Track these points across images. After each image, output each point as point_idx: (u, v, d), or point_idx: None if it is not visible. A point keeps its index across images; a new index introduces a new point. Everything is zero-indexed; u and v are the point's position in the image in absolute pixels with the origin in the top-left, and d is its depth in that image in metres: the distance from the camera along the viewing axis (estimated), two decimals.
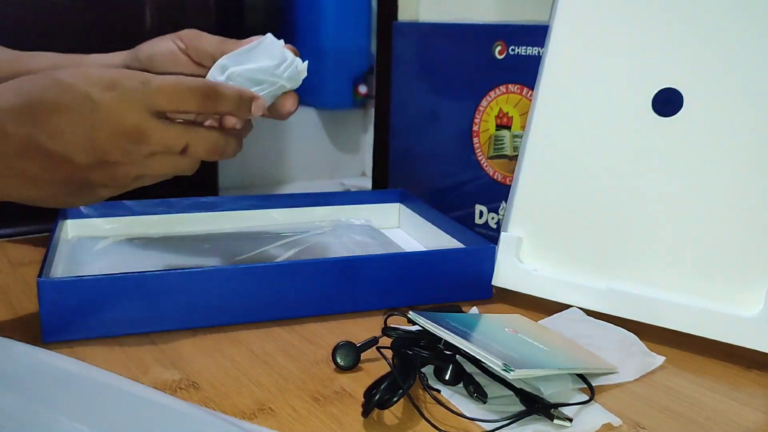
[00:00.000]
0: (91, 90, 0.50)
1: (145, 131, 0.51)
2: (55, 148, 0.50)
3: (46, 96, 0.50)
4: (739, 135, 0.58)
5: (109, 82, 0.51)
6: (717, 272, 0.58)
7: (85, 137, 0.50)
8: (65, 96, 0.50)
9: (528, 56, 0.76)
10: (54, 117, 0.49)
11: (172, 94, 0.52)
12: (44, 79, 0.51)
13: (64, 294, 0.56)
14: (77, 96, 0.50)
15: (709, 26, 0.60)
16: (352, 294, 0.64)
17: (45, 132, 0.49)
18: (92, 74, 0.51)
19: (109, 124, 0.50)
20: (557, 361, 0.53)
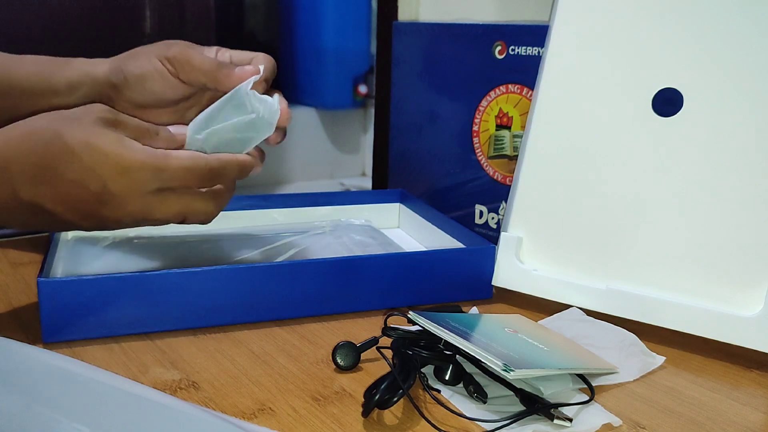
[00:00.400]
0: (105, 174, 0.51)
1: (149, 213, 0.54)
2: (62, 214, 0.52)
3: (62, 167, 0.51)
4: (739, 135, 0.58)
5: (124, 170, 0.51)
6: (717, 272, 0.58)
7: (91, 210, 0.52)
8: (80, 173, 0.51)
9: (528, 56, 0.76)
10: (66, 188, 0.51)
11: (182, 179, 0.53)
12: (59, 148, 0.51)
13: (64, 294, 0.56)
14: (91, 176, 0.51)
15: (709, 26, 0.60)
16: (352, 294, 0.64)
17: (55, 200, 0.52)
18: (109, 156, 0.51)
19: (115, 205, 0.52)
20: (557, 361, 0.53)
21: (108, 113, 0.53)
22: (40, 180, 0.51)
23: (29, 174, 0.51)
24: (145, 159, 0.52)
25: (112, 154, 0.51)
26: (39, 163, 0.51)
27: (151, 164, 0.52)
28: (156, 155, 0.52)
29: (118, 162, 0.51)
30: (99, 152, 0.51)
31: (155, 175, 0.52)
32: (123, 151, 0.51)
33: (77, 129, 0.51)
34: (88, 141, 0.51)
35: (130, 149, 0.52)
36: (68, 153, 0.51)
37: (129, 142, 0.52)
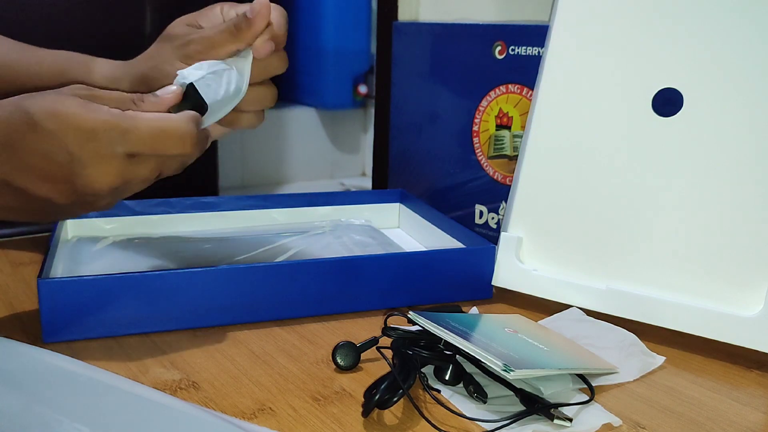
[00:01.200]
0: (69, 140, 0.48)
1: (123, 177, 0.50)
2: (34, 190, 0.50)
3: (25, 140, 0.48)
4: (739, 135, 0.58)
5: (88, 133, 0.48)
6: (717, 272, 0.58)
7: (64, 184, 0.50)
8: (43, 143, 0.48)
9: (528, 56, 0.76)
10: (32, 161, 0.49)
11: (151, 144, 0.50)
12: (20, 119, 0.49)
13: (64, 294, 0.56)
14: (55, 145, 0.48)
15: (708, 26, 0.60)
16: (352, 294, 0.64)
17: (23, 175, 0.49)
18: (70, 118, 0.48)
19: (87, 173, 0.49)
20: (557, 361, 0.53)
21: (82, 89, 0.51)
22: (3, 156, 0.49)
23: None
24: (109, 119, 0.49)
25: (74, 116, 0.48)
26: (3, 141, 0.48)
27: (115, 124, 0.49)
28: (122, 115, 0.49)
29: (80, 124, 0.48)
30: (61, 117, 0.48)
31: (122, 135, 0.49)
32: (85, 113, 0.48)
33: (41, 100, 0.49)
34: (52, 108, 0.48)
35: (94, 111, 0.49)
36: (30, 123, 0.48)
37: (95, 105, 0.49)
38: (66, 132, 0.48)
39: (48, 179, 0.49)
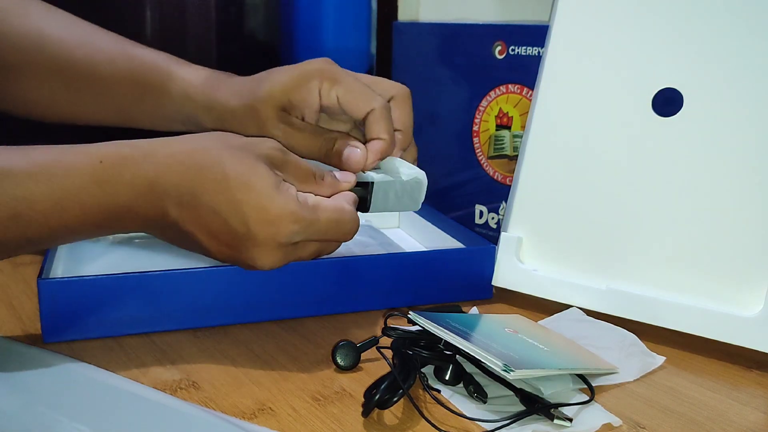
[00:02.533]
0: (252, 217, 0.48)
1: (287, 260, 0.51)
2: (198, 239, 0.50)
3: (211, 196, 0.49)
4: (739, 135, 0.58)
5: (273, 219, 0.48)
6: (717, 272, 0.58)
7: (229, 248, 0.50)
8: (227, 208, 0.48)
9: (528, 56, 0.76)
10: (209, 217, 0.49)
11: (326, 233, 0.51)
12: (216, 175, 0.49)
13: (64, 294, 0.56)
14: (238, 215, 0.48)
15: (708, 26, 0.60)
16: (352, 294, 0.64)
17: (195, 224, 0.50)
18: (262, 198, 0.48)
19: (256, 251, 0.50)
20: (557, 361, 0.52)
21: (277, 152, 0.51)
22: (187, 203, 0.49)
23: (176, 194, 0.49)
24: (296, 211, 0.49)
25: (265, 197, 0.48)
26: (190, 187, 0.49)
27: (301, 217, 0.49)
28: (307, 208, 0.50)
29: (268, 208, 0.48)
30: (254, 192, 0.48)
31: (303, 229, 0.50)
32: (276, 197, 0.49)
33: (239, 161, 0.49)
34: (246, 177, 0.48)
35: (285, 196, 0.49)
36: (222, 183, 0.48)
37: (286, 187, 0.50)
38: (253, 208, 0.48)
39: (216, 238, 0.50)
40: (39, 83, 0.67)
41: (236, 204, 0.48)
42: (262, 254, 0.50)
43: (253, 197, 0.48)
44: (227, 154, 0.49)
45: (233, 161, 0.49)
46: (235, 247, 0.50)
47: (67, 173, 0.48)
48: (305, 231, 0.50)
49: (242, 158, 0.49)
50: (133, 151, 0.50)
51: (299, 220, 0.49)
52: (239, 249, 0.50)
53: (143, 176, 0.49)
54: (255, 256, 0.50)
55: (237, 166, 0.49)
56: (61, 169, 0.48)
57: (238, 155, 0.49)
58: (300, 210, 0.49)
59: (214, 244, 0.50)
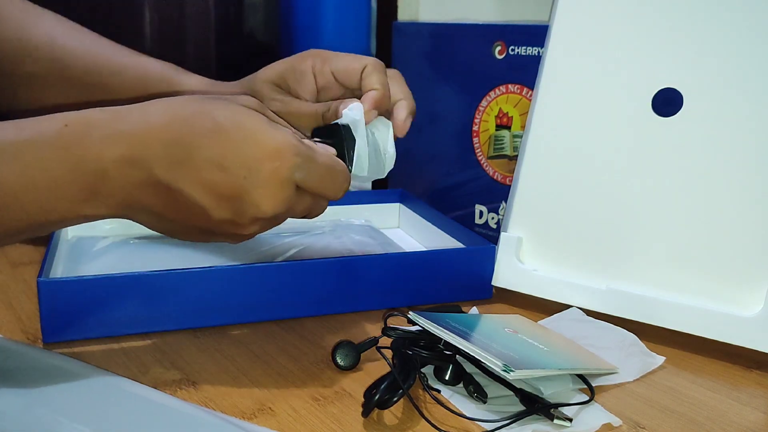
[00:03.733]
0: (252, 155, 0.46)
1: (287, 206, 0.48)
2: (195, 198, 0.46)
3: (206, 146, 0.46)
4: (739, 135, 0.58)
5: (274, 152, 0.46)
6: (717, 272, 0.58)
7: (229, 200, 0.46)
8: (226, 152, 0.45)
9: (528, 56, 0.76)
10: (207, 169, 0.46)
11: (320, 180, 0.49)
12: (205, 123, 0.46)
13: (64, 294, 0.56)
14: (238, 157, 0.46)
15: (708, 26, 0.60)
16: (352, 294, 0.64)
17: (190, 182, 0.46)
18: (258, 134, 0.46)
19: (259, 193, 0.46)
20: (557, 361, 0.52)
21: (258, 105, 0.50)
22: (178, 159, 0.45)
23: (167, 153, 0.45)
24: (296, 143, 0.47)
25: (263, 133, 0.46)
26: (179, 141, 0.45)
27: (302, 151, 0.47)
28: (305, 144, 0.48)
29: (267, 142, 0.46)
30: (250, 130, 0.46)
31: (304, 163, 0.47)
32: (275, 132, 0.46)
33: (225, 107, 0.47)
34: (238, 119, 0.46)
35: (282, 132, 0.47)
36: (215, 129, 0.46)
37: (280, 126, 0.48)
38: (252, 146, 0.46)
39: (214, 190, 0.46)
40: (51, 92, 0.69)
41: (234, 146, 0.46)
42: (266, 194, 0.46)
43: (250, 135, 0.46)
44: (210, 103, 0.47)
45: (220, 108, 0.47)
46: (236, 197, 0.46)
47: (31, 143, 0.45)
48: (306, 167, 0.47)
49: (227, 104, 0.47)
50: (102, 113, 0.46)
51: (300, 152, 0.47)
52: (241, 197, 0.46)
53: (117, 135, 0.45)
54: (258, 200, 0.46)
55: (225, 111, 0.47)
56: (25, 140, 0.45)
57: (222, 103, 0.47)
58: (299, 144, 0.47)
59: (213, 199, 0.46)
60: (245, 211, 0.47)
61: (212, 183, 0.46)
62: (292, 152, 0.46)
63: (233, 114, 0.47)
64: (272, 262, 0.67)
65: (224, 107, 0.47)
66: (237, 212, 0.47)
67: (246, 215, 0.47)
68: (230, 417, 0.47)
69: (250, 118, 0.47)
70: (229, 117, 0.46)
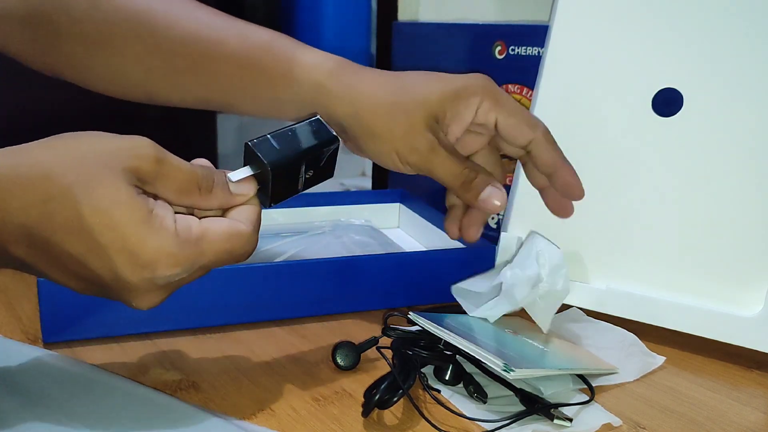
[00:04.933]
0: (121, 262, 0.40)
1: (169, 294, 0.44)
2: (60, 281, 0.42)
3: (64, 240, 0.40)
4: (739, 135, 0.58)
5: (147, 264, 0.40)
6: (717, 272, 0.58)
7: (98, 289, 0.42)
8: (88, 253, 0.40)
9: (528, 56, 0.76)
10: (68, 262, 0.41)
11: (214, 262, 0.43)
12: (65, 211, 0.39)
13: (64, 294, 0.56)
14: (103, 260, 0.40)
15: (708, 26, 0.60)
16: (352, 294, 0.64)
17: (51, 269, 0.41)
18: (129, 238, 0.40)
19: (131, 297, 0.42)
20: (557, 361, 0.53)
21: (148, 161, 0.41)
22: (34, 245, 0.40)
23: (21, 233, 0.40)
24: (176, 253, 0.41)
25: (134, 239, 0.39)
26: (36, 227, 0.39)
27: (182, 259, 0.41)
28: (189, 244, 0.41)
29: (139, 253, 0.40)
30: (116, 233, 0.39)
31: (186, 269, 0.42)
32: (148, 238, 0.40)
33: (94, 191, 0.39)
34: (106, 216, 0.39)
35: (158, 235, 0.40)
36: (77, 226, 0.39)
37: (160, 220, 0.41)
38: (119, 253, 0.40)
39: (79, 278, 0.41)
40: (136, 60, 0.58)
41: (98, 249, 0.39)
42: (138, 298, 0.42)
43: (118, 240, 0.39)
44: (80, 180, 0.39)
45: (87, 193, 0.39)
46: (104, 288, 0.42)
47: None
48: (189, 269, 0.42)
49: (98, 186, 0.39)
50: None
51: (180, 262, 0.41)
52: (109, 290, 0.42)
53: None
54: (129, 300, 0.42)
55: (92, 200, 0.39)
56: None
57: (93, 181, 0.39)
58: (180, 250, 0.41)
59: (78, 284, 0.42)
60: (120, 298, 0.43)
61: (75, 272, 0.41)
62: (168, 264, 0.40)
63: (101, 207, 0.39)
64: (272, 262, 0.67)
65: (93, 191, 0.39)
66: (111, 296, 0.43)
67: (122, 300, 0.43)
68: (230, 417, 0.47)
69: (121, 217, 0.39)
70: (95, 211, 0.39)
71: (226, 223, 0.44)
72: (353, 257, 0.68)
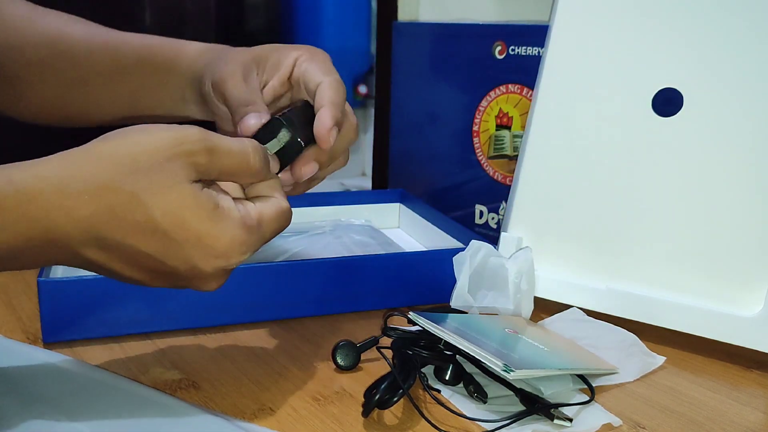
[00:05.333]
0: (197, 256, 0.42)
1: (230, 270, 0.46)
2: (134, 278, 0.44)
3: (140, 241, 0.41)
4: (739, 135, 0.58)
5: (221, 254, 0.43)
6: (717, 272, 0.58)
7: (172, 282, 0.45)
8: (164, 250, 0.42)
9: (528, 56, 0.76)
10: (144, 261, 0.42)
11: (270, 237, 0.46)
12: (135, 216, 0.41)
13: (64, 294, 0.56)
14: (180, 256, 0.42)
15: (708, 26, 0.60)
16: (352, 294, 0.64)
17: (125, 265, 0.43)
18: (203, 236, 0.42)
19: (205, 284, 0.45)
20: (557, 361, 0.53)
21: (201, 152, 0.42)
22: (107, 247, 0.41)
23: (89, 238, 0.41)
24: (246, 240, 0.43)
25: (207, 233, 0.42)
26: (105, 231, 0.40)
27: (251, 244, 0.44)
28: (254, 229, 0.44)
29: (214, 245, 0.42)
30: (191, 230, 0.41)
31: (253, 250, 0.45)
32: (220, 231, 0.42)
33: (162, 195, 0.41)
34: (179, 216, 0.41)
35: (228, 225, 0.42)
36: (150, 228, 0.41)
37: (227, 211, 0.43)
38: (196, 247, 0.42)
39: (152, 272, 0.43)
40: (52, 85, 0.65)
41: (175, 247, 0.42)
42: (209, 283, 0.45)
43: (193, 237, 0.42)
44: (143, 187, 0.41)
45: (154, 198, 0.41)
46: (178, 280, 0.44)
47: None
48: (254, 250, 0.45)
49: (163, 190, 0.41)
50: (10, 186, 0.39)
51: (250, 248, 0.44)
52: (182, 280, 0.44)
53: (30, 220, 0.40)
54: (200, 286, 0.45)
55: (161, 203, 0.41)
56: None
57: (155, 185, 0.41)
58: (248, 236, 0.44)
59: (151, 278, 0.44)
60: (190, 286, 0.45)
61: (148, 267, 0.43)
62: (239, 251, 0.43)
63: (171, 209, 0.41)
64: (272, 262, 0.67)
65: (161, 195, 0.41)
66: (173, 286, 0.45)
67: (192, 287, 0.45)
68: (230, 417, 0.47)
69: (192, 215, 0.41)
70: (167, 213, 0.41)
71: (275, 204, 0.47)
72: (353, 257, 0.68)
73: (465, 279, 0.60)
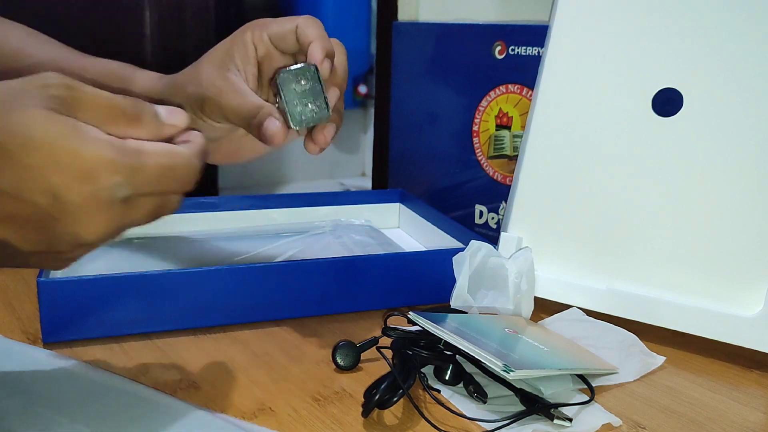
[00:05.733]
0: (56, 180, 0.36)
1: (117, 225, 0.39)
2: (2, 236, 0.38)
3: None
4: (739, 135, 0.58)
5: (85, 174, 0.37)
6: (717, 272, 0.58)
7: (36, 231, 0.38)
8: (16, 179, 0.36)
9: (528, 56, 0.76)
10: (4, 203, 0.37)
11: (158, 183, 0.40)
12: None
13: (64, 294, 0.56)
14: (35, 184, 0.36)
15: (708, 26, 0.60)
16: (352, 294, 0.64)
17: None
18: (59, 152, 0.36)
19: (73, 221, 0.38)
20: (557, 361, 0.53)
21: (63, 88, 0.38)
22: None
23: None
24: (114, 157, 0.37)
25: (66, 149, 0.36)
26: None
27: (122, 165, 0.37)
28: (127, 152, 0.38)
29: (74, 162, 0.36)
30: (44, 149, 0.36)
31: (128, 179, 0.38)
32: (80, 146, 0.36)
33: (10, 118, 0.36)
34: (27, 134, 0.36)
35: (92, 142, 0.37)
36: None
37: (89, 130, 0.37)
38: (52, 169, 0.36)
39: (13, 221, 0.37)
40: None
41: (28, 173, 0.36)
42: (83, 223, 0.37)
43: (47, 157, 0.36)
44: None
45: (7, 117, 0.36)
46: (43, 227, 0.37)
47: None
48: (131, 181, 0.38)
49: (19, 110, 0.36)
50: None
51: (120, 168, 0.37)
52: (50, 227, 0.37)
53: None
54: (74, 229, 0.38)
55: (13, 123, 0.36)
56: None
57: (12, 107, 0.36)
58: (119, 156, 0.37)
59: (10, 230, 0.37)
60: (60, 241, 0.38)
61: (7, 213, 0.37)
62: (108, 170, 0.37)
63: (20, 129, 0.36)
64: (272, 262, 0.67)
65: (13, 116, 0.36)
66: (48, 243, 0.38)
67: (61, 244, 0.38)
68: (230, 417, 0.47)
69: (45, 132, 0.36)
70: (13, 134, 0.36)
71: (163, 144, 0.41)
72: (353, 257, 0.68)
73: (465, 279, 0.60)
